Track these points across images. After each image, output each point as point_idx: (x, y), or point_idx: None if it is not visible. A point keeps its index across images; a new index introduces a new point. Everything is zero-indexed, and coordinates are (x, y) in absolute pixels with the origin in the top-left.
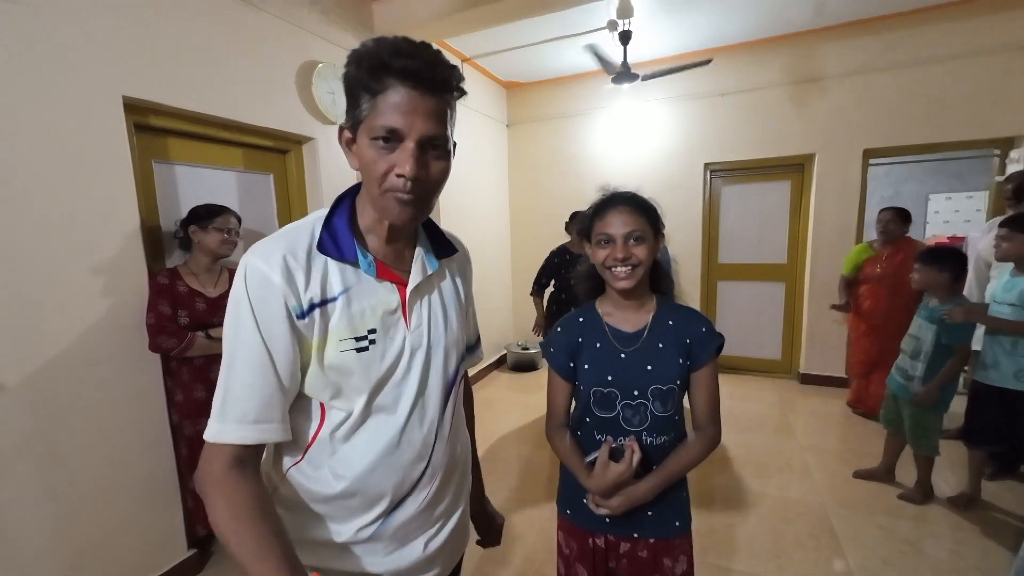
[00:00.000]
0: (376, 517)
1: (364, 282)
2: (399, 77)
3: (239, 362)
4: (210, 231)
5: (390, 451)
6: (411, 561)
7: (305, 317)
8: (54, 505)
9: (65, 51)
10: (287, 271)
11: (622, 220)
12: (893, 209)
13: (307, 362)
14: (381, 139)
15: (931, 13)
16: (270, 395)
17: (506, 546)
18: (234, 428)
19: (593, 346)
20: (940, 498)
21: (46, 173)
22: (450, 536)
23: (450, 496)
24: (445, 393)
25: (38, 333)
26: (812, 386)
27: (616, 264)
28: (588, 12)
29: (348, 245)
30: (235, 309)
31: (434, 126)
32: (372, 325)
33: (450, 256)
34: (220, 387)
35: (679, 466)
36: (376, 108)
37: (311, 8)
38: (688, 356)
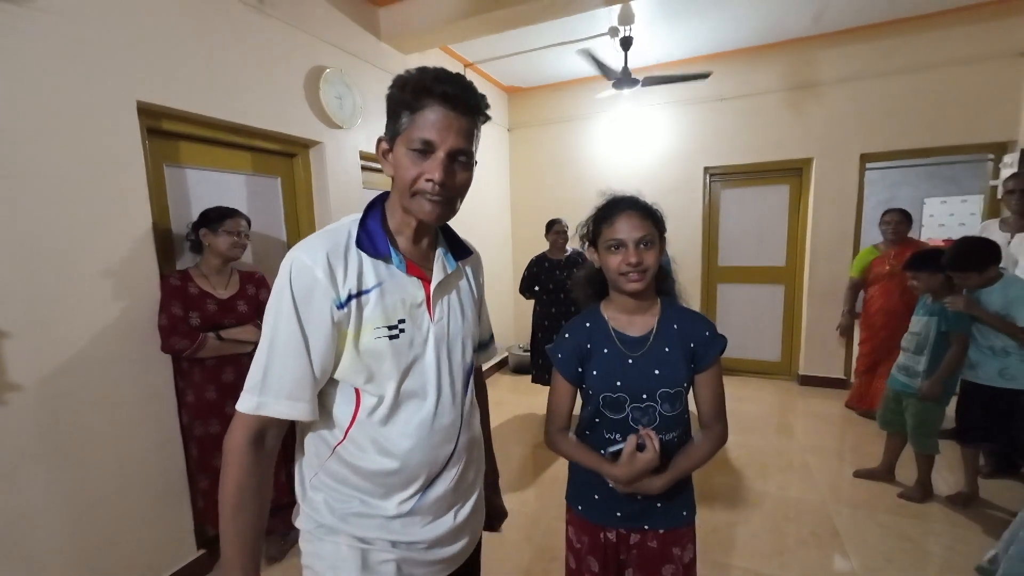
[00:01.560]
0: (414, 493)
1: (395, 277)
2: (437, 99)
3: (280, 345)
4: (220, 234)
5: (426, 432)
6: (445, 531)
7: (344, 307)
8: (68, 504)
9: (82, 56)
10: (329, 267)
11: (632, 225)
12: (899, 211)
13: (342, 350)
14: (417, 150)
15: (926, 21)
16: (303, 376)
17: (513, 545)
18: (272, 401)
19: (601, 352)
20: (939, 496)
21: (61, 176)
22: (474, 509)
23: (473, 474)
24: (466, 379)
25: (52, 334)
26: (811, 387)
27: (630, 270)
28: (590, 18)
29: (382, 243)
30: (278, 298)
31: (463, 142)
32: (402, 316)
33: (466, 258)
34: (259, 365)
35: (690, 464)
36: (415, 123)
37: (319, 14)
38: (693, 359)
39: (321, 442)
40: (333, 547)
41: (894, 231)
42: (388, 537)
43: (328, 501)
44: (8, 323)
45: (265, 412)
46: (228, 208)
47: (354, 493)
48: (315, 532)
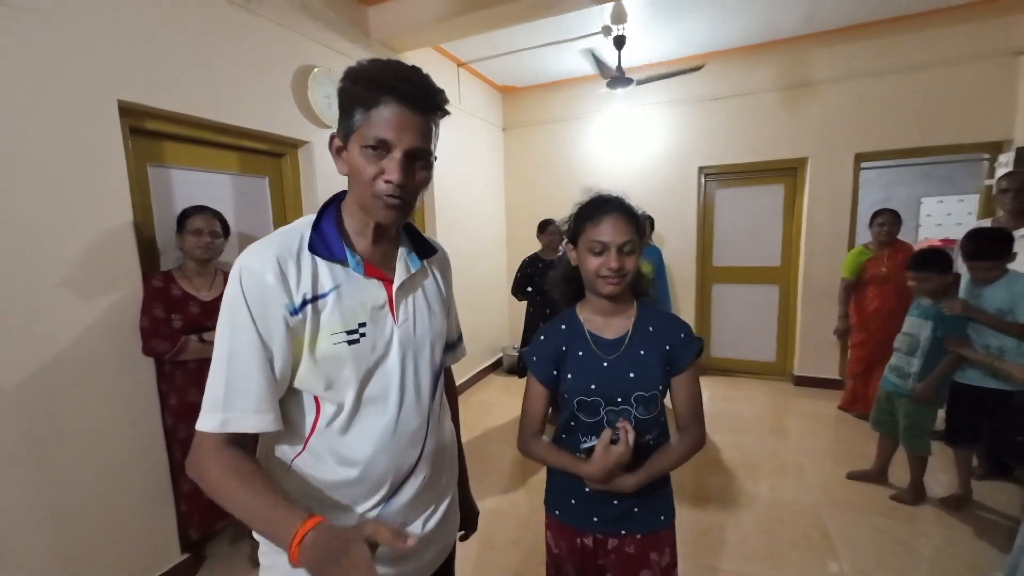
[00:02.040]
0: (378, 501)
1: (353, 279)
2: (392, 95)
3: (238, 357)
4: (185, 235)
5: (388, 438)
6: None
7: (298, 313)
8: (48, 508)
9: (60, 55)
10: (280, 271)
11: (617, 229)
12: (890, 211)
13: (299, 357)
14: (371, 148)
15: (920, 19)
16: (267, 388)
17: (502, 547)
18: (238, 417)
19: (576, 355)
20: (932, 499)
21: (40, 175)
22: (444, 516)
23: (443, 480)
24: (434, 382)
25: (32, 336)
26: (806, 388)
27: (610, 275)
28: (583, 17)
29: (337, 245)
30: (231, 308)
31: (420, 140)
32: (362, 319)
33: (431, 256)
34: (218, 381)
35: (664, 463)
36: (369, 120)
37: (307, 14)
38: (669, 362)
39: (280, 454)
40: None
41: (888, 232)
42: None
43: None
44: None
45: (232, 429)
46: (192, 207)
47: (315, 506)
48: (272, 544)
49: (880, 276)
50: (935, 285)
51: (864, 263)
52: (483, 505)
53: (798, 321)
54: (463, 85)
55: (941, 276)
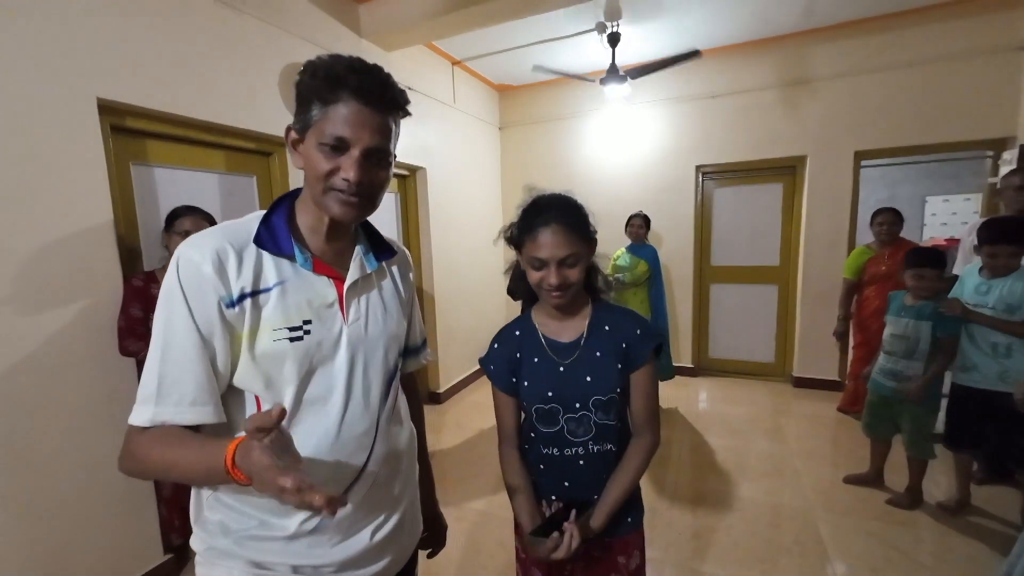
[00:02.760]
0: None
1: (301, 276)
2: (351, 92)
3: (175, 349)
4: (173, 235)
5: (331, 441)
6: (358, 551)
7: (235, 307)
8: (26, 509)
9: (36, 51)
10: (218, 261)
11: (555, 242)
12: (891, 210)
13: (237, 353)
14: (329, 145)
15: (921, 14)
16: (206, 379)
17: (488, 551)
18: (172, 410)
19: (531, 361)
20: (930, 504)
21: (16, 174)
22: (398, 526)
23: (396, 487)
24: (386, 385)
25: (8, 335)
26: (805, 389)
27: (552, 289)
28: (577, 15)
29: (285, 240)
30: (168, 298)
31: (379, 140)
32: (307, 316)
33: (390, 258)
34: (152, 372)
35: (622, 490)
36: (327, 116)
37: (295, 11)
38: (625, 360)
39: None
40: (225, 573)
41: (888, 232)
42: (289, 561)
43: (224, 522)
44: None
45: (167, 420)
46: (183, 207)
47: (253, 512)
48: (207, 555)
49: (880, 275)
50: (933, 283)
51: (865, 263)
52: (472, 507)
53: (797, 321)
54: (458, 84)
55: (940, 273)
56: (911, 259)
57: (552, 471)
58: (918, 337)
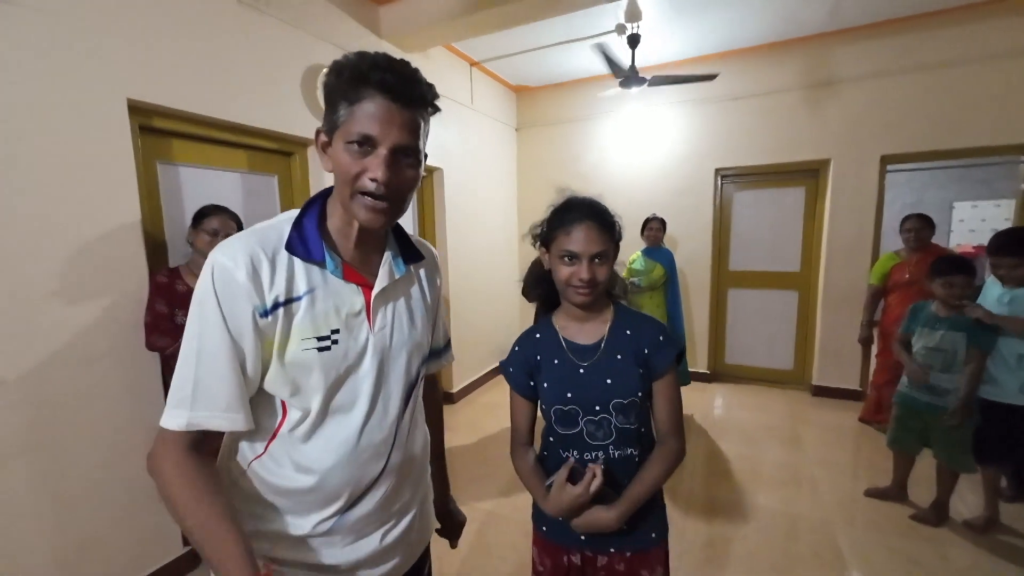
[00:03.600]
0: (334, 512)
1: (330, 283)
2: (377, 88)
3: (207, 355)
4: (200, 233)
5: (350, 449)
6: (368, 553)
7: (268, 316)
8: (50, 500)
9: (71, 54)
10: (252, 269)
11: (589, 238)
12: (921, 216)
13: (268, 359)
14: (356, 143)
15: (952, 15)
16: (238, 387)
17: (499, 553)
18: (205, 416)
19: (551, 363)
20: (956, 520)
21: (49, 172)
22: (408, 529)
23: (408, 492)
24: (407, 394)
25: (38, 329)
26: (825, 398)
27: (581, 285)
28: (597, 15)
29: (316, 246)
30: (200, 304)
31: (407, 137)
32: (335, 325)
33: (418, 262)
34: (186, 378)
35: (644, 488)
36: (353, 115)
37: (317, 12)
38: (647, 366)
39: (240, 455)
40: None
41: (916, 238)
42: (302, 559)
43: (244, 515)
44: None
45: (202, 426)
46: (211, 206)
47: (268, 511)
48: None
49: (902, 283)
50: (963, 291)
51: (890, 269)
52: (482, 507)
53: (817, 328)
54: (476, 85)
55: (970, 281)
56: (939, 268)
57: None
58: (955, 349)
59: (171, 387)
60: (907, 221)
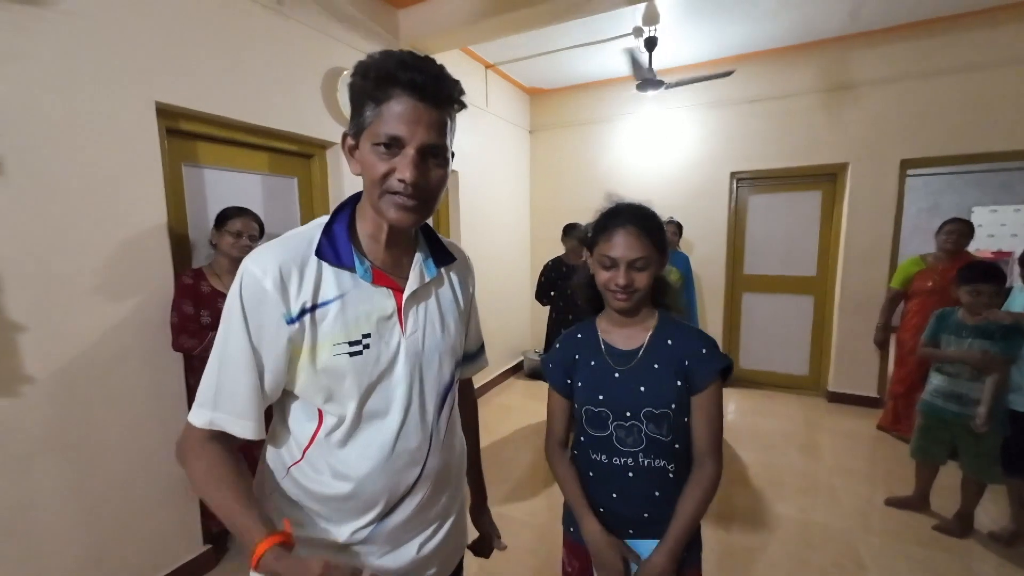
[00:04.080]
0: (371, 520)
1: (360, 287)
2: (404, 88)
3: (230, 362)
4: (224, 234)
5: (386, 455)
6: (405, 562)
7: (295, 323)
8: (77, 496)
9: (102, 58)
10: (280, 279)
11: (628, 244)
12: (963, 220)
13: (299, 366)
14: (383, 145)
15: (973, 18)
16: (253, 394)
17: (517, 557)
18: (224, 418)
19: (588, 364)
20: (980, 532)
21: (79, 174)
22: (445, 538)
23: (445, 500)
24: (441, 399)
25: (66, 329)
26: (841, 405)
27: (618, 290)
28: (613, 19)
29: (345, 251)
30: (229, 312)
31: (434, 136)
32: (367, 330)
33: (449, 264)
34: (211, 380)
35: (686, 523)
36: (380, 116)
37: (338, 16)
38: (687, 379)
39: (278, 460)
40: None
41: (955, 242)
42: None
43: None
44: (24, 317)
45: (221, 427)
46: (234, 208)
47: (306, 518)
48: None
49: (924, 290)
50: (991, 299)
51: (914, 275)
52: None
53: (834, 334)
54: (491, 87)
55: (998, 289)
56: (967, 274)
57: (600, 479)
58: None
59: (200, 384)
60: (947, 224)
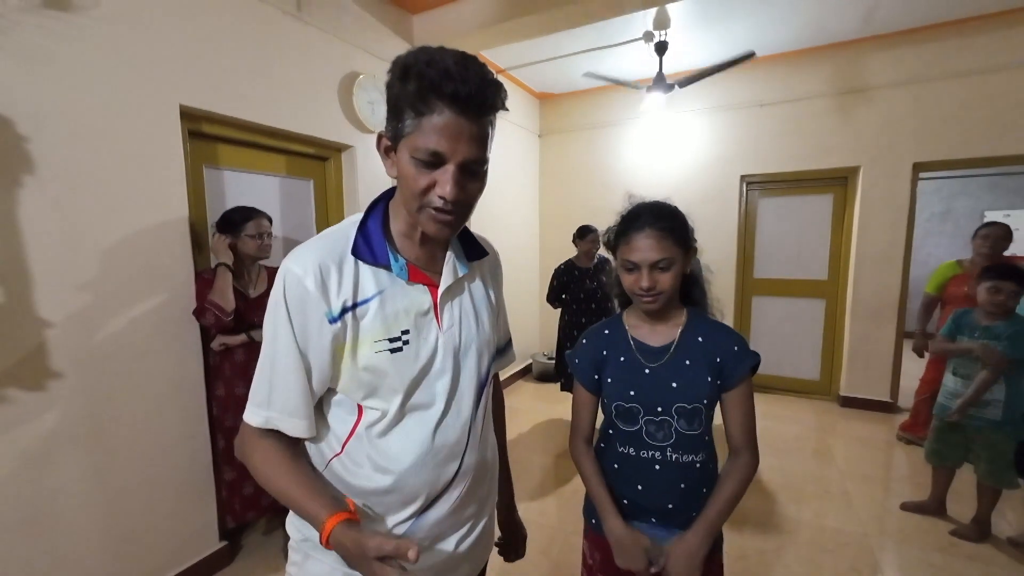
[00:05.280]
0: (411, 515)
1: (397, 284)
2: (447, 102)
3: (280, 363)
4: (244, 238)
5: (425, 450)
6: (443, 559)
7: (337, 321)
8: (100, 488)
9: (130, 62)
10: (320, 278)
11: (648, 246)
12: (1001, 225)
13: (341, 364)
14: (424, 161)
15: (987, 21)
16: (303, 393)
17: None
18: (278, 416)
19: (617, 360)
20: (998, 537)
21: (106, 175)
22: (479, 537)
23: (480, 497)
24: (477, 393)
25: (91, 326)
26: (853, 409)
27: (643, 293)
28: (624, 23)
29: (381, 249)
30: (274, 312)
31: (476, 150)
32: (405, 326)
33: (480, 259)
34: (264, 379)
35: (722, 506)
36: (421, 128)
37: (354, 22)
38: (719, 375)
39: (317, 453)
40: (319, 567)
41: (992, 246)
42: None
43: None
44: (52, 314)
45: (276, 426)
46: (247, 209)
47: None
48: (301, 546)
49: (961, 296)
50: (1008, 299)
51: (949, 280)
52: None
53: (846, 338)
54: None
55: (1019, 291)
56: (989, 272)
57: (626, 471)
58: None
59: (253, 382)
60: (984, 228)
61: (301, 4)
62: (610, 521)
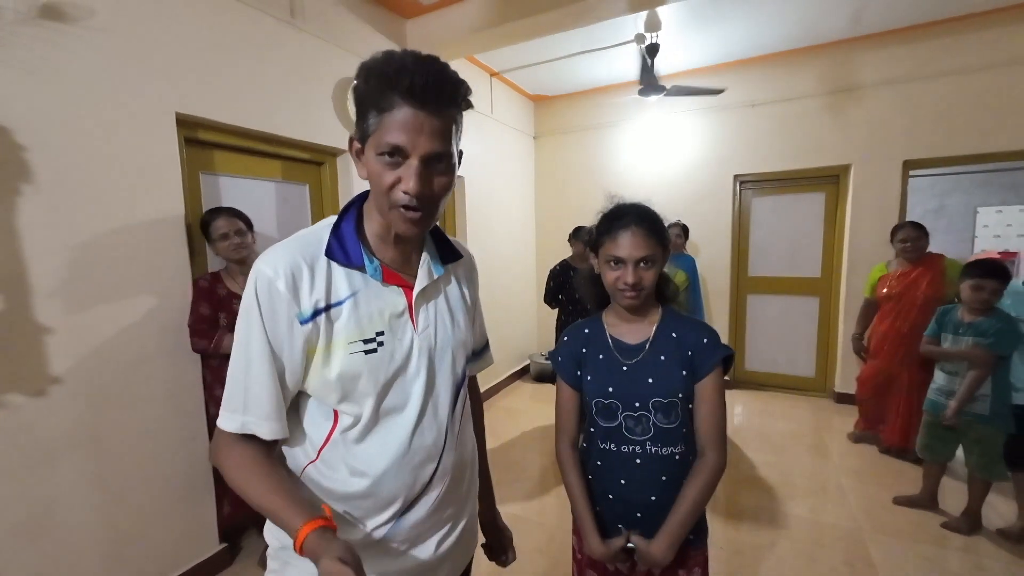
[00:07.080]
0: (389, 518)
1: (371, 286)
2: (405, 96)
3: (255, 367)
4: (214, 242)
5: (402, 452)
6: (423, 560)
7: (309, 323)
8: (100, 494)
9: (126, 71)
10: (292, 279)
11: (634, 243)
12: (916, 225)
13: (312, 367)
14: (387, 154)
15: (976, 20)
16: (276, 396)
17: (527, 557)
18: (254, 421)
19: (596, 357)
20: (989, 529)
21: (104, 183)
22: (460, 537)
23: (459, 498)
24: (454, 394)
25: (90, 331)
26: (848, 405)
27: (627, 288)
28: (615, 26)
29: (355, 251)
30: (247, 315)
31: (438, 144)
32: (380, 328)
33: (455, 261)
34: (238, 383)
35: (684, 513)
36: (382, 125)
37: (348, 27)
38: (690, 368)
39: (294, 460)
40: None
41: (913, 248)
42: None
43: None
44: (51, 320)
45: (252, 431)
46: (212, 210)
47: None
48: (280, 554)
49: (882, 297)
50: (991, 297)
51: (878, 281)
52: (507, 511)
53: (840, 335)
54: (495, 95)
55: (1001, 288)
56: (973, 270)
57: (608, 467)
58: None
59: (226, 388)
60: (900, 231)
61: (295, 11)
62: (589, 538)
